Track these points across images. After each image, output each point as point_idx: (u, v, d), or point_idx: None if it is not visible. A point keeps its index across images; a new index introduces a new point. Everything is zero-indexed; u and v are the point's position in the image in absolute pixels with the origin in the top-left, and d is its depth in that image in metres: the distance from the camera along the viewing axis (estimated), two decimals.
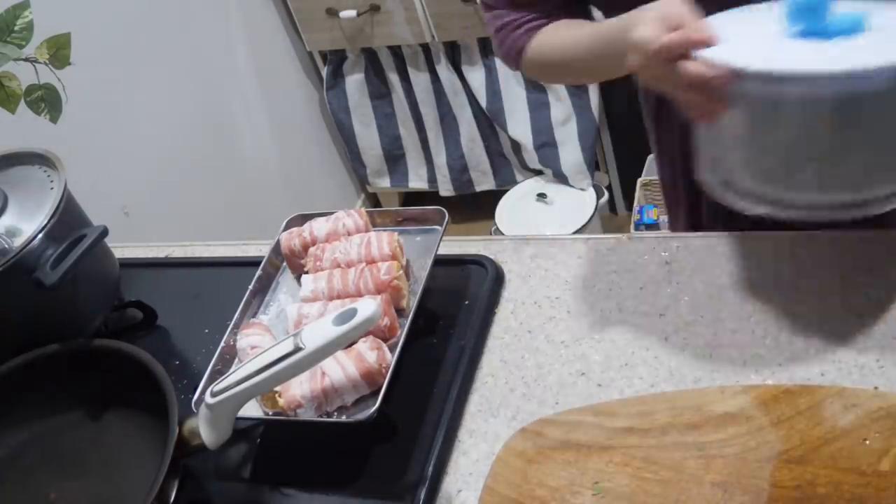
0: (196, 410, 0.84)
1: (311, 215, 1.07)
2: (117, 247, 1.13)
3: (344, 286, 0.96)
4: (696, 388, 0.81)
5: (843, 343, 0.81)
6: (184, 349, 1.06)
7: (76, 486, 0.91)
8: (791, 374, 0.80)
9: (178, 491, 0.79)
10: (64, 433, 0.94)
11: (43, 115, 1.00)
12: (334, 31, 2.37)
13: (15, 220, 0.97)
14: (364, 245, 0.99)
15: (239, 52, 2.27)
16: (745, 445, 0.73)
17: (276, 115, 2.42)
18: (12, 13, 0.98)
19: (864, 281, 0.86)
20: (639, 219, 2.29)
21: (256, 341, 0.93)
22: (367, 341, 0.88)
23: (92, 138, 1.73)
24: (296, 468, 0.88)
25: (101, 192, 1.68)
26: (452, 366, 0.90)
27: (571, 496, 0.73)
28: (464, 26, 2.26)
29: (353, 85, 2.51)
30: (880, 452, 0.69)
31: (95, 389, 0.93)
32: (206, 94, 2.16)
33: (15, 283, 0.92)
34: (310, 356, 0.74)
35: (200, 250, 1.23)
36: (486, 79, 2.38)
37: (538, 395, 0.86)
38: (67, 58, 1.00)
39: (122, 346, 0.91)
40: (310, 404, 0.86)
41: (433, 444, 0.83)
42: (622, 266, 0.97)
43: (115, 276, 1.08)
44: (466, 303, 0.97)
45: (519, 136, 2.43)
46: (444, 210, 1.02)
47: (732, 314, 0.88)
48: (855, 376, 0.78)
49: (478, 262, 1.01)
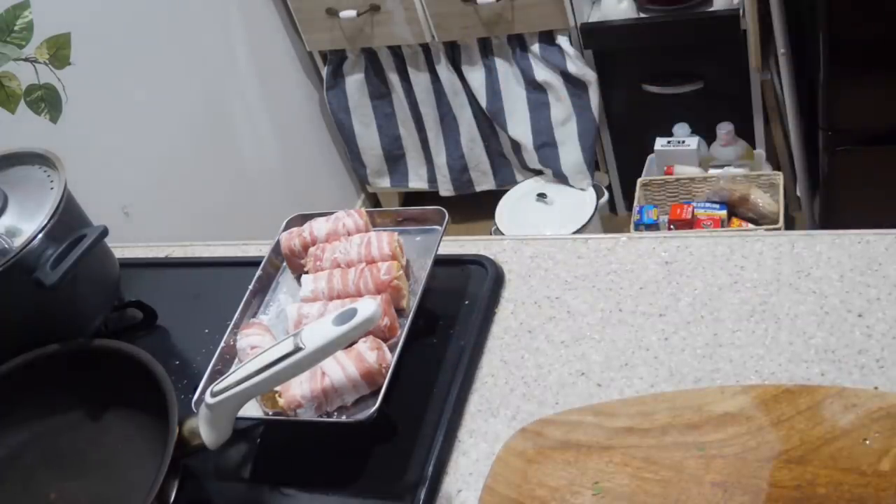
0: (196, 410, 0.84)
1: (311, 215, 1.07)
2: (117, 247, 1.13)
3: (344, 286, 0.96)
4: (696, 388, 0.81)
5: (843, 343, 0.81)
6: (184, 349, 1.06)
7: (76, 486, 0.91)
8: (791, 374, 0.80)
9: (178, 491, 0.79)
10: (64, 433, 0.94)
11: (43, 115, 1.00)
12: (334, 31, 2.37)
13: (15, 220, 0.96)
14: (364, 245, 0.99)
15: (239, 52, 2.27)
16: (745, 445, 0.73)
17: (276, 115, 2.42)
18: (12, 13, 0.98)
19: (864, 281, 0.87)
20: (639, 219, 2.28)
21: (256, 341, 0.93)
22: (367, 341, 0.88)
23: (92, 138, 1.73)
24: (296, 468, 0.88)
25: (101, 192, 1.68)
26: (452, 366, 0.90)
27: (571, 496, 0.73)
28: (464, 26, 2.26)
29: (353, 85, 2.51)
30: (880, 452, 0.69)
31: (95, 389, 0.93)
32: (206, 93, 2.16)
33: (15, 283, 0.92)
34: (310, 356, 0.74)
35: (200, 250, 1.23)
36: (486, 79, 2.37)
37: (538, 395, 0.86)
38: (67, 58, 1.00)
39: (122, 346, 0.91)
40: (310, 404, 0.86)
41: (433, 444, 0.83)
42: (622, 266, 0.97)
43: (115, 276, 1.08)
44: (466, 303, 0.97)
45: (519, 136, 2.43)
46: (444, 210, 1.02)
47: (732, 314, 0.88)
48: (855, 376, 0.78)
49: (478, 262, 1.01)
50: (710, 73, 2.25)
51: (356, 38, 2.37)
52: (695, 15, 2.11)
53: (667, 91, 2.29)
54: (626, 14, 2.18)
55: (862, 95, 1.79)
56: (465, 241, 1.07)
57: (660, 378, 0.84)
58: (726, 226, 2.22)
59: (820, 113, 1.84)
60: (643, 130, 2.38)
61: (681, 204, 2.26)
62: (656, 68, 2.29)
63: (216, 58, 2.20)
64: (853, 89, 1.78)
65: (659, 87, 2.29)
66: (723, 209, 2.22)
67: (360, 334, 0.75)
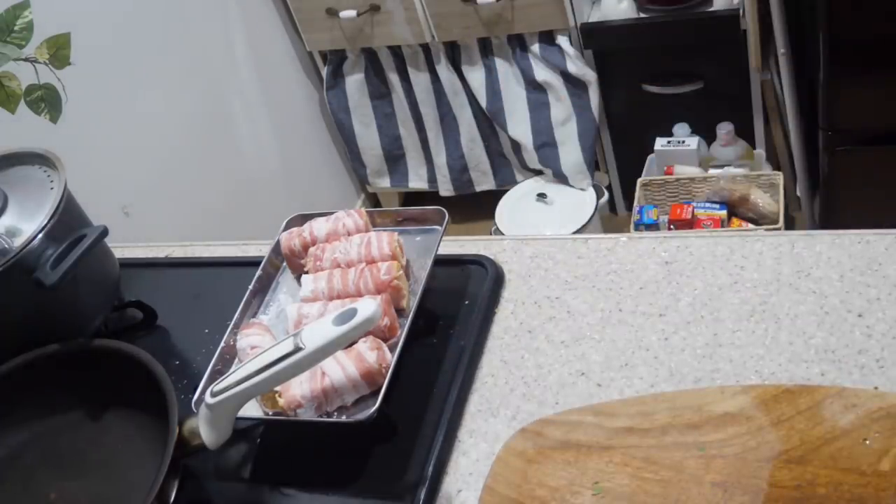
0: (196, 410, 0.83)
1: (311, 215, 1.07)
2: (117, 247, 1.13)
3: (344, 286, 0.96)
4: (696, 389, 0.81)
5: (843, 343, 0.81)
6: (184, 349, 1.06)
7: (76, 486, 0.91)
8: (791, 374, 0.80)
9: (178, 491, 0.79)
10: (64, 433, 0.94)
11: (43, 115, 1.00)
12: (334, 31, 2.37)
13: (15, 220, 0.96)
14: (364, 245, 0.99)
15: (239, 52, 2.27)
16: (746, 445, 0.73)
17: (276, 115, 2.42)
18: (12, 13, 0.98)
19: (864, 281, 0.87)
20: (639, 219, 2.29)
21: (256, 341, 0.93)
22: (367, 341, 0.88)
23: (92, 138, 1.73)
24: (296, 468, 0.88)
25: (101, 192, 1.68)
26: (452, 366, 0.90)
27: (571, 496, 0.73)
28: (464, 26, 2.26)
29: (353, 85, 2.51)
30: (880, 452, 0.69)
31: (95, 389, 0.93)
32: (206, 93, 2.16)
33: (15, 283, 0.92)
34: (310, 356, 0.74)
35: (200, 250, 1.23)
36: (486, 79, 2.37)
37: (538, 395, 0.86)
38: (67, 58, 1.00)
39: (122, 346, 0.91)
40: (310, 404, 0.86)
41: (433, 444, 0.83)
42: (622, 266, 0.97)
43: (115, 276, 1.08)
44: (466, 303, 0.97)
45: (519, 136, 2.43)
46: (444, 210, 1.02)
47: (732, 314, 0.88)
48: (855, 376, 0.78)
49: (478, 262, 1.01)
50: (710, 73, 2.25)
51: (356, 38, 2.37)
52: (695, 15, 2.11)
53: (667, 91, 2.29)
54: (626, 14, 2.18)
55: (862, 95, 1.79)
56: (465, 241, 1.07)
57: (660, 378, 0.84)
58: (726, 226, 2.22)
59: (820, 113, 1.84)
60: (643, 130, 2.38)
61: (681, 204, 2.26)
62: (656, 68, 2.29)
63: (216, 58, 2.20)
64: (853, 89, 1.78)
65: (659, 87, 2.29)
66: (723, 209, 2.22)
67: (360, 334, 0.75)
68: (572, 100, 2.34)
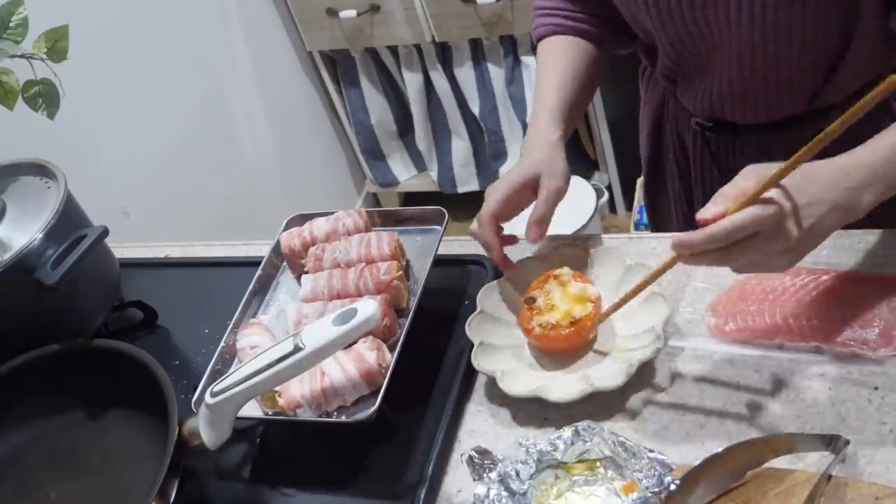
0: (196, 410, 0.83)
1: (311, 215, 1.07)
2: (117, 247, 1.13)
3: (344, 286, 0.96)
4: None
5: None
6: (184, 349, 1.06)
7: (76, 486, 0.91)
8: (791, 375, 0.80)
9: (178, 491, 0.79)
10: (64, 433, 0.94)
11: (40, 111, 0.99)
12: (334, 31, 2.36)
13: (15, 220, 0.97)
14: (364, 245, 0.99)
15: (239, 51, 2.27)
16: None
17: (276, 115, 2.42)
18: (7, 10, 0.98)
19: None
20: (639, 219, 2.28)
21: (256, 341, 0.93)
22: (367, 341, 0.88)
23: (92, 138, 1.73)
24: (296, 468, 0.88)
25: (100, 193, 1.68)
26: (452, 366, 0.90)
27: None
28: (464, 27, 2.26)
29: (353, 84, 2.51)
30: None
31: (95, 390, 0.93)
32: (207, 93, 2.15)
33: (15, 283, 0.92)
34: (310, 356, 0.74)
35: (200, 250, 1.23)
36: (479, 80, 2.38)
37: None
38: (65, 51, 0.99)
39: (122, 346, 0.91)
40: (310, 404, 0.86)
41: (433, 444, 0.83)
42: None
43: (115, 276, 1.08)
44: (466, 303, 0.97)
45: (516, 136, 2.43)
46: (444, 210, 1.02)
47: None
48: (855, 376, 0.78)
49: (478, 262, 1.01)
50: None
51: (356, 38, 2.37)
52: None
53: None
54: None
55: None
56: (465, 241, 1.07)
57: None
58: None
59: None
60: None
61: None
62: None
63: (216, 57, 2.19)
64: None
65: None
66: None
67: (359, 334, 0.75)
68: None
